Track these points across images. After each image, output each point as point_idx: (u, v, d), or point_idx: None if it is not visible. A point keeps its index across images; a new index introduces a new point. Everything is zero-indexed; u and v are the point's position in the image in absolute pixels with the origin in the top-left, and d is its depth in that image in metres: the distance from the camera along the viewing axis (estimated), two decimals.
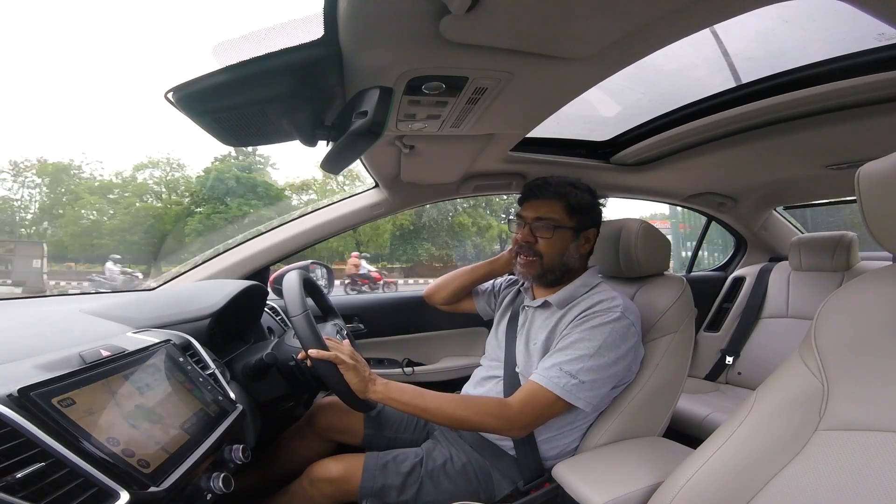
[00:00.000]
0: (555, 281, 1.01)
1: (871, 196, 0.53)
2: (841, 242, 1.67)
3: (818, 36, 0.86)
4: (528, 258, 0.99)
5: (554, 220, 0.97)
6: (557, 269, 0.99)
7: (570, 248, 0.99)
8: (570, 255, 0.99)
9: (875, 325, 0.53)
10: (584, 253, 1.03)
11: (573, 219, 0.98)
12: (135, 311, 0.87)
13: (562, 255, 0.98)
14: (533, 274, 1.00)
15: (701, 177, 1.54)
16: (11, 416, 0.44)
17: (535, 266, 0.99)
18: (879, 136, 1.00)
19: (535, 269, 0.99)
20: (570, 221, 0.98)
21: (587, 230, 1.02)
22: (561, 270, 1.00)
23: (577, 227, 0.99)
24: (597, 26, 0.58)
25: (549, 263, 0.98)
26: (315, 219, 1.37)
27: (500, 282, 1.25)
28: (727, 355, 1.87)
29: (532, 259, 0.99)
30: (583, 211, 0.99)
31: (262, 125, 0.75)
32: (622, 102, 1.18)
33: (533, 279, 1.02)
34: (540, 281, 1.02)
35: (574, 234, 0.99)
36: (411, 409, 0.85)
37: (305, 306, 0.86)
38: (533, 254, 0.99)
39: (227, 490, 0.60)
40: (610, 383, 0.89)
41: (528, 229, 0.99)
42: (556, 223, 0.97)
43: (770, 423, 0.57)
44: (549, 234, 0.97)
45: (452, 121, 0.86)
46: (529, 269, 1.00)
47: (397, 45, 0.61)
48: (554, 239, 0.97)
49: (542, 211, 0.98)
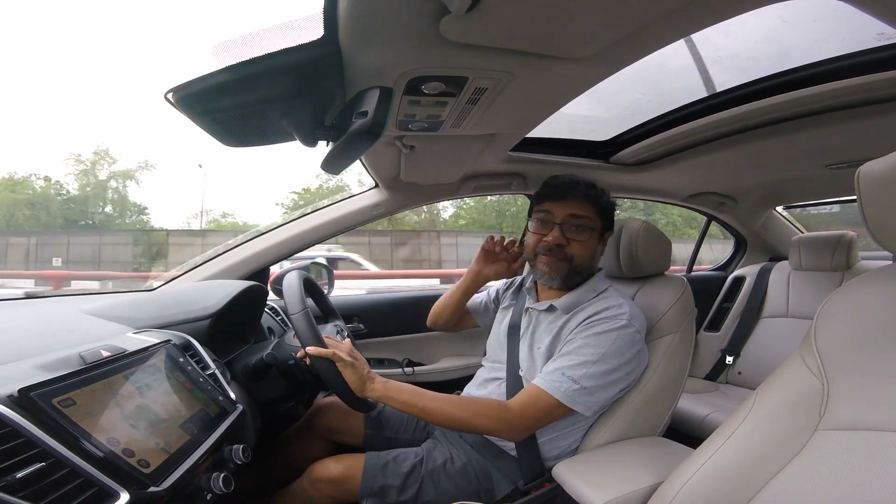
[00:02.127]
0: (577, 284, 0.99)
1: (871, 196, 0.53)
2: (841, 242, 1.67)
3: (818, 36, 0.86)
4: (556, 260, 0.95)
5: (590, 221, 0.95)
6: (585, 271, 0.98)
7: (597, 251, 0.99)
8: (597, 258, 0.99)
9: (875, 324, 0.53)
10: (601, 254, 1.03)
11: (602, 220, 0.98)
12: (135, 312, 0.87)
13: (592, 258, 0.98)
14: (560, 276, 0.96)
15: (701, 176, 1.54)
16: (11, 416, 0.44)
17: (563, 269, 0.95)
18: (879, 136, 1.00)
19: (563, 271, 0.96)
20: (600, 223, 0.97)
21: (607, 232, 1.02)
22: (587, 273, 0.99)
23: (602, 229, 0.99)
24: (597, 26, 0.58)
25: (578, 266, 0.96)
26: (315, 219, 1.37)
27: (496, 288, 1.24)
28: (727, 355, 1.87)
29: (561, 262, 0.95)
30: (608, 213, 0.99)
31: (262, 125, 0.75)
32: (622, 102, 1.18)
33: (559, 281, 0.97)
34: (565, 283, 0.97)
35: (600, 237, 0.99)
36: (410, 408, 0.85)
37: (305, 304, 0.87)
38: (563, 257, 0.95)
39: (227, 490, 0.60)
40: (612, 389, 0.89)
41: (558, 230, 0.95)
42: (591, 224, 0.95)
43: (770, 423, 0.57)
44: (584, 237, 0.95)
45: (452, 121, 0.86)
46: (556, 271, 0.96)
47: (397, 45, 0.61)
48: (588, 241, 0.95)
49: (575, 210, 0.95)
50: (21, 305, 0.99)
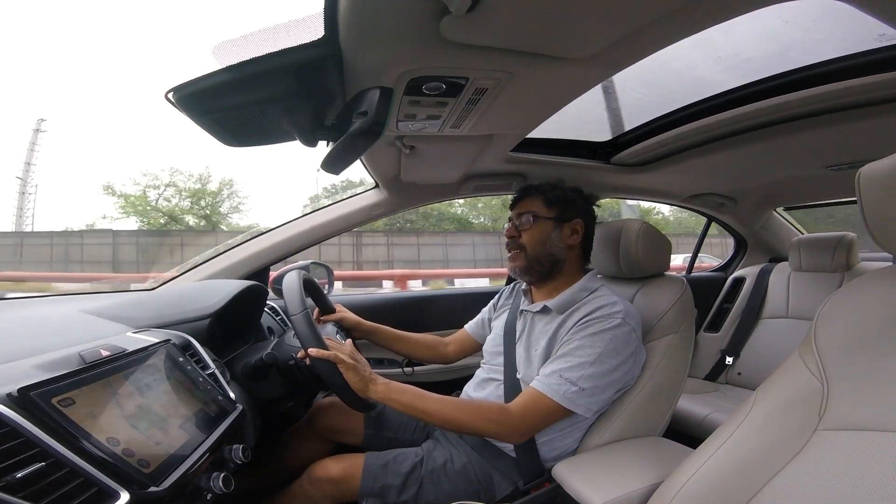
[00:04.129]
0: (545, 275, 1.03)
1: (872, 197, 0.53)
2: (841, 243, 1.67)
3: (818, 36, 0.86)
4: (512, 251, 1.05)
5: (532, 212, 1.03)
6: (543, 259, 1.01)
7: (552, 238, 1.01)
8: (554, 244, 1.01)
9: (875, 325, 0.53)
10: (572, 244, 1.03)
11: (552, 210, 1.02)
12: (135, 311, 0.87)
13: (543, 244, 1.01)
14: (520, 267, 1.03)
15: (701, 177, 1.54)
16: (11, 416, 0.44)
17: (520, 258, 1.03)
18: (880, 137, 1.00)
19: (521, 261, 1.03)
20: (549, 212, 1.02)
21: (571, 221, 1.03)
22: (548, 261, 1.01)
23: (557, 217, 1.02)
24: (597, 26, 0.58)
25: (532, 253, 1.02)
26: (315, 219, 1.37)
27: (492, 302, 1.25)
28: (727, 356, 1.87)
29: (516, 251, 1.04)
30: (562, 202, 1.03)
31: (263, 125, 0.75)
32: (622, 102, 1.18)
33: (522, 273, 1.04)
34: (528, 275, 1.04)
35: (555, 224, 1.02)
36: (411, 410, 0.85)
37: (305, 305, 0.86)
38: (516, 246, 1.04)
39: (227, 490, 0.60)
40: (610, 389, 0.89)
41: (512, 226, 1.06)
42: (534, 214, 1.02)
43: (770, 423, 0.57)
44: (528, 226, 1.03)
45: (452, 121, 0.86)
46: (516, 262, 1.04)
47: (397, 46, 0.61)
48: (533, 229, 1.02)
49: (522, 207, 1.05)
50: (21, 305, 0.99)
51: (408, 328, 1.29)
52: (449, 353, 1.27)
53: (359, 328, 1.20)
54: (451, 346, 1.28)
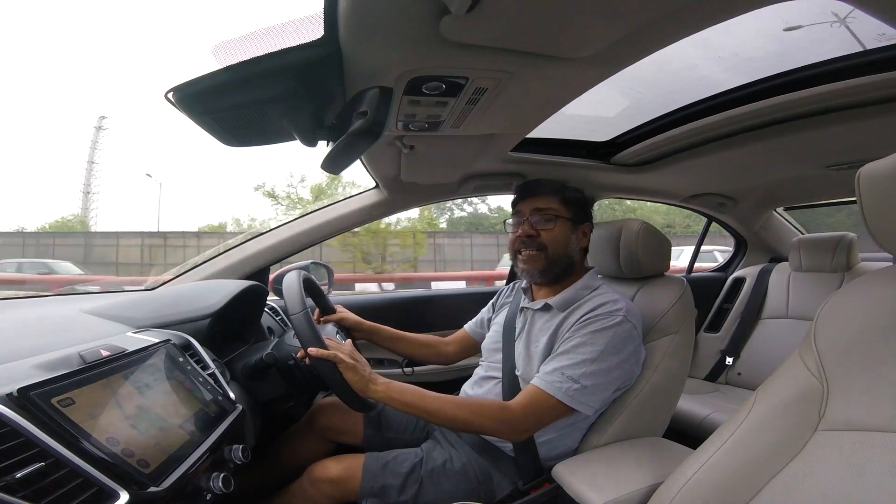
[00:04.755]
0: (558, 276, 1.00)
1: (872, 197, 0.53)
2: (841, 243, 1.67)
3: (818, 36, 0.86)
4: (531, 252, 0.99)
5: (553, 210, 0.99)
6: (562, 260, 0.99)
7: (571, 240, 1.00)
8: (573, 247, 1.00)
9: (875, 326, 0.53)
10: (583, 247, 1.04)
11: (570, 210, 1.00)
12: (135, 311, 0.87)
13: (565, 245, 0.99)
14: (538, 268, 0.99)
15: (701, 177, 1.54)
16: (11, 416, 0.44)
17: (540, 259, 0.98)
18: (880, 137, 1.00)
19: (540, 262, 0.98)
20: (567, 213, 1.00)
21: (583, 224, 1.03)
22: (565, 263, 1.00)
23: (573, 218, 1.01)
24: (597, 26, 0.58)
25: (553, 254, 0.98)
26: (315, 219, 1.37)
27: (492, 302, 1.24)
28: (727, 356, 1.87)
29: (535, 252, 0.99)
30: (577, 204, 1.02)
31: (263, 125, 0.75)
32: (622, 103, 1.18)
33: (538, 275, 1.00)
34: (544, 276, 1.00)
35: (573, 226, 1.01)
36: (412, 409, 0.85)
37: (305, 305, 0.86)
38: (537, 247, 0.99)
39: (227, 490, 0.60)
40: (612, 387, 0.89)
41: (528, 224, 1.00)
42: (556, 213, 0.99)
43: (770, 424, 0.57)
44: (550, 225, 0.99)
45: (452, 121, 0.86)
46: (534, 264, 0.99)
47: (397, 46, 0.61)
48: (556, 229, 0.99)
49: (539, 204, 1.00)
50: (21, 305, 0.99)
51: (408, 328, 1.29)
52: (449, 353, 1.27)
53: (359, 328, 1.20)
54: (451, 346, 1.28)
